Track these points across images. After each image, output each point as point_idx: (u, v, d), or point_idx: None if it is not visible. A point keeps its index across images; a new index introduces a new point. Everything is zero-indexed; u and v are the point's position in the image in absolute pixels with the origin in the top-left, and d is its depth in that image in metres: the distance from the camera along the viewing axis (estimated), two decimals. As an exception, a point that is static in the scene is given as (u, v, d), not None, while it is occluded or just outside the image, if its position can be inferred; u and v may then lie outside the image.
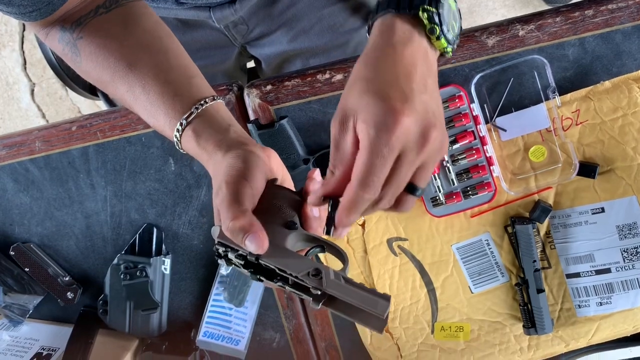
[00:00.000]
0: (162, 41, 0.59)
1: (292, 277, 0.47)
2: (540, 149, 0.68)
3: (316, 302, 0.47)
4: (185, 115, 0.53)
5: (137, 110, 0.57)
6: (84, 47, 0.58)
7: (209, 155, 0.52)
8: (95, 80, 0.59)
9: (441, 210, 0.70)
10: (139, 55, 0.57)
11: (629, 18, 0.65)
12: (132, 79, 0.56)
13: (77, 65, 0.59)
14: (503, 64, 0.66)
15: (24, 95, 1.91)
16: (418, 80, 0.46)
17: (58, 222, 0.78)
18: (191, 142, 0.53)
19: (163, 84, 0.55)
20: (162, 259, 0.77)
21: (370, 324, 0.47)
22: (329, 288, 0.46)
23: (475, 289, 0.74)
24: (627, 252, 0.70)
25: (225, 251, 0.48)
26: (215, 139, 0.52)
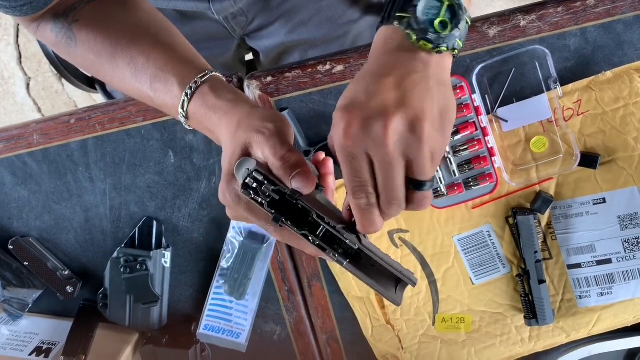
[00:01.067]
0: (163, 21, 0.59)
1: (327, 226, 0.46)
2: (542, 139, 0.67)
3: (344, 258, 0.46)
4: (201, 74, 0.53)
5: (134, 84, 0.56)
6: (81, 28, 0.57)
7: (233, 104, 0.51)
8: (92, 61, 0.58)
9: (442, 202, 0.70)
10: (141, 31, 0.56)
11: (630, 8, 0.64)
12: (134, 52, 0.55)
13: (72, 50, 0.58)
14: (504, 54, 0.66)
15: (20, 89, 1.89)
16: (389, 81, 0.45)
17: (57, 215, 0.78)
18: (207, 97, 0.52)
19: (171, 53, 0.55)
20: (162, 252, 0.77)
21: (388, 294, 0.47)
22: (366, 245, 0.46)
23: (477, 280, 0.74)
24: (628, 243, 0.70)
25: (257, 185, 0.46)
26: (238, 93, 0.53)
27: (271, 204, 0.46)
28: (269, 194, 0.46)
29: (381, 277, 0.47)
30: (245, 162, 0.48)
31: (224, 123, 0.51)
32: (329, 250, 0.47)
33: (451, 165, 0.68)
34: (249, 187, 0.47)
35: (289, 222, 0.46)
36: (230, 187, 0.49)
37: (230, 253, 0.76)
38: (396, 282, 0.48)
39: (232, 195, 0.48)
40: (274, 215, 0.46)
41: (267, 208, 0.47)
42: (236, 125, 0.50)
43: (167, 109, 0.55)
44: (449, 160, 0.68)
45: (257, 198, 0.46)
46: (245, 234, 0.75)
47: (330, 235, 0.46)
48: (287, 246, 0.76)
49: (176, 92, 0.53)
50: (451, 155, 0.68)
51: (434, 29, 0.46)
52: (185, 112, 0.53)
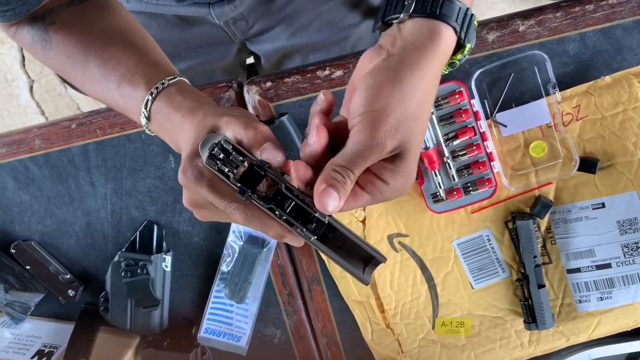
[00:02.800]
0: (138, 27, 0.59)
1: (296, 199, 0.45)
2: (541, 144, 0.67)
3: (312, 233, 0.45)
4: (169, 77, 0.52)
5: (102, 85, 0.55)
6: (57, 31, 0.57)
7: (199, 104, 0.50)
8: (65, 64, 0.58)
9: (442, 207, 0.70)
10: (115, 35, 0.56)
11: (629, 13, 0.64)
12: (106, 55, 0.55)
13: (46, 53, 0.58)
14: (503, 59, 0.66)
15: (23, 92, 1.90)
16: (425, 118, 0.48)
17: (58, 220, 0.78)
18: (173, 97, 0.51)
19: (142, 57, 0.54)
20: (162, 256, 0.77)
21: (357, 272, 0.47)
22: (335, 220, 0.45)
23: (476, 284, 0.74)
24: (628, 247, 0.70)
25: (224, 156, 0.45)
26: (205, 97, 0.53)
27: (238, 177, 0.45)
28: (236, 164, 0.44)
29: (350, 257, 0.46)
30: (212, 137, 0.46)
31: (187, 120, 0.49)
32: (297, 225, 0.45)
33: (450, 170, 0.68)
34: (215, 158, 0.44)
35: (255, 196, 0.44)
36: (193, 164, 0.46)
37: (231, 257, 0.76)
38: (365, 262, 0.47)
39: (195, 171, 0.46)
40: (239, 188, 0.44)
41: (232, 180, 0.45)
42: (201, 117, 0.48)
43: (131, 111, 0.54)
44: (448, 165, 0.68)
45: (223, 168, 0.44)
46: (245, 238, 0.76)
47: (299, 210, 0.45)
48: (287, 250, 0.77)
49: (142, 93, 0.52)
50: (450, 160, 0.68)
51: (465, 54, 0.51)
52: (148, 111, 0.52)
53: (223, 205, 0.45)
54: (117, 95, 0.54)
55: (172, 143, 0.53)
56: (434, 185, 0.69)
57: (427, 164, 0.68)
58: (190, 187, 0.47)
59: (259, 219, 0.45)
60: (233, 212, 0.45)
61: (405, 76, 0.46)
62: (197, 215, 0.50)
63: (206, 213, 0.49)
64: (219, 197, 0.45)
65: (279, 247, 0.76)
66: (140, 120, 0.53)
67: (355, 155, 0.44)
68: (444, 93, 0.67)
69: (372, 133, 0.44)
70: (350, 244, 0.46)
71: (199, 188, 0.46)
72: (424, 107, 0.47)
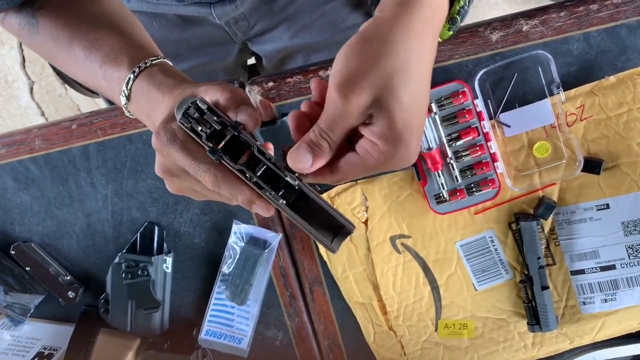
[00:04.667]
0: (126, 13, 0.59)
1: (268, 162, 0.45)
2: (545, 145, 0.67)
3: (283, 198, 0.45)
4: (152, 57, 0.52)
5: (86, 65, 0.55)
6: (44, 15, 0.57)
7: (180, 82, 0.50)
8: (51, 48, 0.57)
9: (445, 208, 0.69)
10: (102, 19, 0.56)
11: (634, 12, 0.64)
12: (92, 37, 0.54)
13: (33, 38, 0.58)
14: (507, 59, 0.66)
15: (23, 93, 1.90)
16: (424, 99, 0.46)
17: (59, 221, 0.78)
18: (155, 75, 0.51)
19: (127, 39, 0.54)
20: (163, 258, 0.77)
21: (325, 240, 0.47)
22: (306, 185, 0.46)
23: (479, 286, 0.73)
24: (632, 249, 0.69)
25: (199, 115, 0.44)
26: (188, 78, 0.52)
27: (211, 136, 0.44)
28: (210, 125, 0.44)
29: (319, 225, 0.47)
30: (188, 99, 0.46)
31: (166, 96, 0.49)
32: (267, 188, 0.45)
33: (453, 171, 0.68)
34: (189, 117, 0.44)
35: (226, 157, 0.44)
36: (167, 127, 0.46)
37: (232, 258, 0.75)
38: (334, 231, 0.47)
39: (168, 133, 0.46)
40: (210, 148, 0.44)
41: (204, 140, 0.44)
42: (180, 90, 0.48)
43: (112, 91, 0.54)
44: (451, 165, 0.68)
45: (196, 127, 0.44)
46: (246, 239, 0.75)
47: (270, 176, 0.45)
48: (289, 252, 0.76)
49: (124, 72, 0.52)
50: (453, 161, 0.68)
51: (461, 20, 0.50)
52: (128, 90, 0.51)
53: (193, 168, 0.45)
54: (100, 75, 0.54)
55: (149, 122, 0.52)
56: (437, 186, 0.69)
57: (430, 164, 0.67)
58: (163, 149, 0.46)
59: (228, 183, 0.45)
60: (203, 174, 0.45)
61: (382, 33, 0.44)
62: (168, 186, 0.50)
63: (177, 182, 0.48)
64: (190, 158, 0.45)
65: (280, 248, 0.76)
66: (120, 101, 0.53)
67: (326, 115, 0.44)
68: (447, 93, 0.66)
69: (338, 92, 0.43)
70: (320, 212, 0.46)
71: (171, 150, 0.45)
72: (410, 63, 0.44)
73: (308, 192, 0.46)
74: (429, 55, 0.47)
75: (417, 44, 0.45)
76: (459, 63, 0.67)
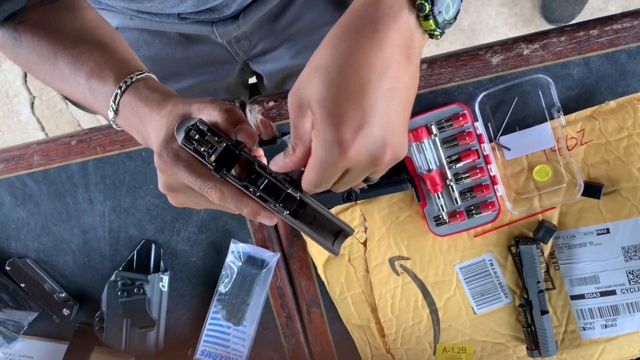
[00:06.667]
0: (109, 28, 0.60)
1: (269, 176, 0.48)
2: (545, 168, 0.67)
3: (285, 209, 0.48)
4: (138, 72, 0.53)
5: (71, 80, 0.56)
6: (27, 29, 0.57)
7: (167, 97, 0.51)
8: (34, 62, 0.58)
9: (444, 230, 0.69)
10: (86, 34, 0.57)
11: (633, 38, 0.64)
12: (76, 52, 0.55)
13: (16, 51, 0.59)
14: (507, 82, 0.66)
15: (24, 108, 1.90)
16: (388, 86, 0.43)
17: (55, 237, 0.77)
18: (141, 90, 0.52)
19: (111, 53, 0.55)
20: (160, 276, 0.76)
21: (327, 244, 0.50)
22: (306, 195, 0.49)
23: (478, 309, 0.72)
24: (633, 274, 0.69)
25: (200, 137, 0.47)
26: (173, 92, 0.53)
27: (214, 156, 0.47)
28: (211, 145, 0.47)
29: (321, 230, 0.50)
30: (187, 120, 0.48)
31: (155, 112, 0.50)
32: (270, 201, 0.48)
33: (453, 193, 0.68)
34: (192, 139, 0.46)
35: (231, 174, 0.47)
36: (169, 147, 0.48)
37: (229, 278, 0.75)
38: (334, 235, 0.51)
39: (171, 154, 0.47)
40: (215, 166, 0.46)
41: (208, 160, 0.47)
42: (171, 107, 0.50)
43: (99, 105, 0.55)
44: (451, 187, 0.67)
45: (199, 148, 0.46)
46: (244, 259, 0.75)
47: (272, 188, 0.48)
48: (286, 272, 0.76)
49: (111, 87, 0.53)
50: (453, 183, 0.67)
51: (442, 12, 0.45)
52: (116, 105, 0.53)
53: (199, 185, 0.47)
54: (86, 90, 0.55)
55: (138, 136, 0.54)
56: (436, 207, 0.68)
57: (429, 186, 0.67)
58: (167, 169, 0.48)
59: (234, 197, 0.47)
60: (209, 191, 0.47)
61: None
62: (171, 201, 0.52)
63: (181, 197, 0.50)
64: (196, 177, 0.47)
65: (278, 268, 0.75)
66: (107, 115, 0.54)
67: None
68: (447, 115, 0.66)
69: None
70: (321, 218, 0.50)
71: (176, 169, 0.47)
72: (332, 60, 0.44)
73: (308, 201, 0.49)
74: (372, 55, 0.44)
75: (341, 41, 0.45)
76: (459, 86, 0.67)
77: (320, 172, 0.45)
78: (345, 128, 0.42)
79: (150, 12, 0.77)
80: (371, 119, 0.43)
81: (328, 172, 0.45)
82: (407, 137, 0.48)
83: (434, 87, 0.67)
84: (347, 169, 0.46)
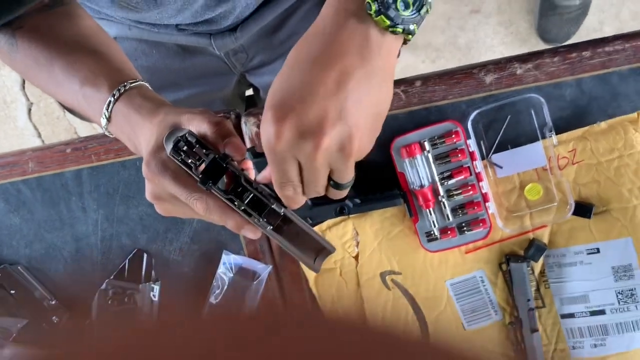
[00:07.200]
0: (104, 36, 0.61)
1: (254, 191, 0.48)
2: (536, 187, 0.67)
3: (268, 224, 0.49)
4: (131, 81, 0.54)
5: (66, 86, 0.56)
6: (23, 35, 0.58)
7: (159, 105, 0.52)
8: (30, 67, 0.59)
9: (436, 245, 0.69)
10: (82, 41, 0.58)
11: (625, 61, 0.65)
12: (71, 59, 0.56)
13: (13, 57, 0.59)
14: (500, 101, 0.67)
15: (21, 114, 1.91)
16: (333, 78, 0.44)
17: (47, 244, 0.77)
18: (134, 99, 0.53)
19: (106, 62, 0.56)
20: (151, 286, 0.76)
21: (308, 261, 0.51)
22: (290, 211, 0.50)
23: (469, 326, 0.73)
24: (622, 294, 0.69)
25: (188, 148, 0.47)
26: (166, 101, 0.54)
27: (201, 168, 0.48)
28: (199, 157, 0.47)
29: (303, 247, 0.51)
30: (176, 131, 0.49)
31: (147, 120, 0.51)
32: (254, 215, 0.48)
33: (445, 210, 0.68)
34: (180, 150, 0.47)
35: (217, 187, 0.48)
36: (157, 157, 0.49)
37: (220, 289, 0.75)
38: (316, 252, 0.52)
39: (158, 164, 0.48)
40: (201, 179, 0.47)
41: (194, 171, 0.47)
42: (162, 116, 0.50)
43: (92, 111, 0.56)
44: (443, 204, 0.68)
45: (186, 160, 0.47)
46: (235, 270, 0.75)
47: (256, 202, 0.48)
48: (278, 283, 0.76)
49: (104, 95, 0.54)
50: (445, 199, 0.68)
51: (396, 7, 0.45)
52: (109, 113, 0.53)
53: (185, 196, 0.48)
54: (80, 96, 0.56)
55: (130, 144, 0.55)
56: (428, 223, 0.69)
57: (422, 201, 0.67)
58: (154, 179, 0.49)
59: (219, 210, 0.48)
60: (195, 202, 0.48)
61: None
62: (158, 209, 0.52)
63: (167, 206, 0.51)
64: (182, 188, 0.48)
65: (269, 280, 0.75)
66: (100, 122, 0.55)
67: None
68: (440, 132, 0.67)
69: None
70: (303, 236, 0.51)
71: (163, 179, 0.48)
72: (292, 66, 0.47)
73: (292, 217, 0.50)
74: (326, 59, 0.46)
75: (298, 47, 0.48)
76: (452, 103, 0.68)
77: (271, 162, 0.46)
78: (280, 112, 0.44)
79: (148, 22, 0.78)
80: (307, 103, 0.44)
81: (278, 163, 0.46)
82: (364, 131, 0.47)
83: (427, 104, 0.68)
84: (298, 162, 0.46)
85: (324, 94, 0.44)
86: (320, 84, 0.44)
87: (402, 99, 0.68)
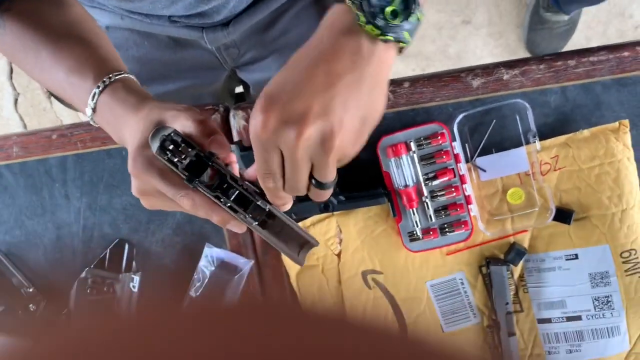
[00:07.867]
0: (93, 25, 0.61)
1: (240, 187, 0.50)
2: (518, 191, 0.68)
3: (253, 220, 0.50)
4: (116, 73, 0.54)
5: (52, 73, 0.57)
6: (12, 17, 0.58)
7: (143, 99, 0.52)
8: (18, 50, 0.59)
9: (418, 246, 0.70)
10: (70, 28, 0.58)
11: (608, 71, 0.67)
12: (59, 45, 0.57)
13: (0, 37, 0.59)
14: (486, 105, 0.68)
15: (7, 104, 1.89)
16: (322, 79, 0.46)
17: (28, 231, 0.76)
18: (118, 91, 0.53)
19: (93, 51, 0.56)
20: (131, 276, 0.75)
21: (293, 255, 0.53)
22: (274, 207, 0.51)
23: (447, 327, 0.73)
24: (598, 301, 0.70)
25: (174, 147, 0.48)
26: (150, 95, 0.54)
27: (187, 166, 0.48)
28: (185, 155, 0.48)
29: (287, 241, 0.53)
30: (162, 129, 0.50)
31: (131, 114, 0.52)
32: (240, 211, 0.50)
33: (428, 210, 0.69)
34: (166, 149, 0.48)
35: (203, 184, 0.49)
36: (143, 154, 0.49)
37: (200, 282, 0.74)
38: (300, 246, 0.53)
39: (145, 161, 0.49)
40: (187, 177, 0.48)
41: (181, 170, 0.48)
42: (147, 111, 0.51)
43: (78, 100, 0.56)
44: (426, 204, 0.68)
45: (172, 158, 0.48)
46: (217, 263, 0.74)
47: (242, 199, 0.50)
48: (259, 279, 0.76)
49: (90, 85, 0.54)
50: (429, 200, 0.68)
51: (384, 16, 0.46)
52: (94, 104, 0.54)
53: (172, 193, 0.49)
54: (65, 84, 0.56)
55: (115, 136, 0.55)
56: (411, 223, 0.69)
57: (405, 201, 0.68)
58: (140, 175, 0.50)
59: (205, 206, 0.49)
60: (181, 199, 0.49)
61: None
62: (144, 203, 0.53)
63: (153, 201, 0.52)
64: (169, 185, 0.49)
65: (250, 275, 0.75)
66: (85, 111, 0.56)
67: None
68: (426, 134, 0.67)
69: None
70: (287, 230, 0.52)
71: (149, 177, 0.49)
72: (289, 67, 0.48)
73: (276, 212, 0.51)
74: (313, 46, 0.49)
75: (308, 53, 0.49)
76: (439, 105, 0.68)
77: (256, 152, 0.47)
78: (269, 102, 0.46)
79: (141, 12, 0.78)
80: (295, 96, 0.45)
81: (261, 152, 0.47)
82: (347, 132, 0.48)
83: (415, 105, 0.69)
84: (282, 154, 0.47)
85: (312, 90, 0.46)
86: (310, 82, 0.46)
87: (390, 99, 0.69)
